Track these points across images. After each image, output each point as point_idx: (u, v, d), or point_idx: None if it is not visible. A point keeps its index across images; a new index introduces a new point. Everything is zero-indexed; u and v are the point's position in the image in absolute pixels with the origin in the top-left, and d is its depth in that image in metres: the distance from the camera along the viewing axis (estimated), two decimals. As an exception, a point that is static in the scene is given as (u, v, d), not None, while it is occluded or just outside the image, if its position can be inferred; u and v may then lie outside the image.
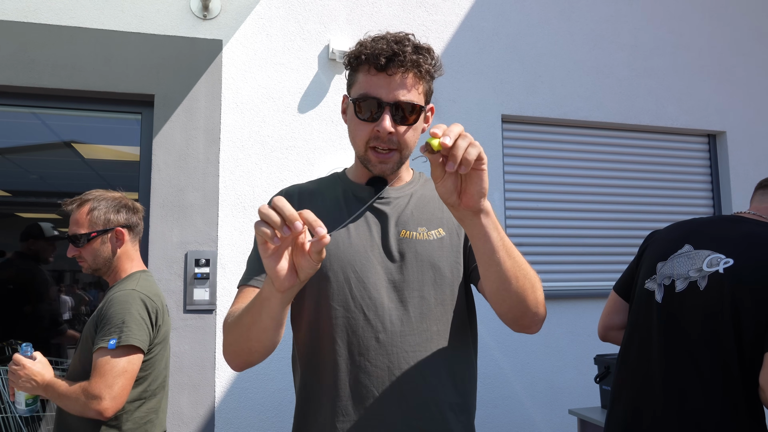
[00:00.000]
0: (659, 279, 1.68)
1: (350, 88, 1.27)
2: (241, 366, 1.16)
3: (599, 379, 2.70)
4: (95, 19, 3.11)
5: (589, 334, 3.62)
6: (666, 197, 3.98)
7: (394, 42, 1.20)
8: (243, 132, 3.24)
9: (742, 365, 1.45)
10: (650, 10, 4.06)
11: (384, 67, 1.18)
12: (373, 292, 1.20)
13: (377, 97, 1.19)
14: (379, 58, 1.18)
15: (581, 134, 3.88)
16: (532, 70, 3.75)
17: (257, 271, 1.24)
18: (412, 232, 1.25)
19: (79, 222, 1.83)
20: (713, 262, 1.56)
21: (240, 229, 3.17)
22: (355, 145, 1.26)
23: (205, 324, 3.05)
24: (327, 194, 1.33)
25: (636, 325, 1.73)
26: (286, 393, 3.12)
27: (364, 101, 1.20)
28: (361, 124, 1.22)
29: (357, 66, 1.23)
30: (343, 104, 1.32)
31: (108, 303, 1.72)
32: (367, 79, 1.21)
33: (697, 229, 1.70)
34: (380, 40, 1.21)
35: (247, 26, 3.31)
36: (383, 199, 1.29)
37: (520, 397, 3.48)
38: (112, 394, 1.59)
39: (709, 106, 4.09)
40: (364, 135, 1.23)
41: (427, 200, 1.32)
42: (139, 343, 1.66)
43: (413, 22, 3.58)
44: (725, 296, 1.49)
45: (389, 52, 1.18)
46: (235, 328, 1.11)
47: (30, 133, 3.32)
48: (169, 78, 3.17)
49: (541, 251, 3.69)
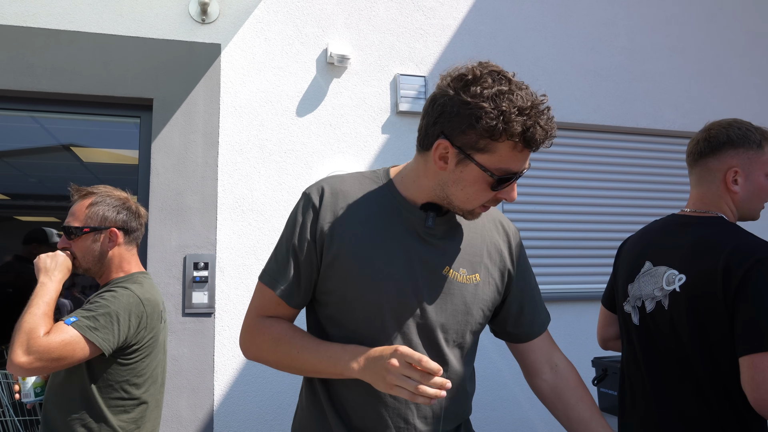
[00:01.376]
0: (632, 302, 1.68)
1: (475, 150, 1.11)
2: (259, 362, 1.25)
3: (597, 382, 2.71)
4: (94, 23, 3.12)
5: (587, 336, 3.63)
6: (663, 200, 3.99)
7: (548, 126, 1.11)
8: (241, 136, 3.25)
9: (715, 377, 1.45)
10: (647, 14, 4.08)
11: (537, 148, 1.12)
12: (403, 328, 1.21)
13: (518, 171, 1.14)
14: (538, 143, 1.10)
15: (578, 137, 3.89)
16: (529, 74, 3.76)
17: (287, 283, 1.24)
18: (455, 273, 1.24)
19: (76, 214, 1.78)
20: (670, 280, 1.54)
21: (238, 232, 3.17)
22: (468, 203, 1.18)
23: (203, 327, 3.05)
24: (372, 204, 1.25)
25: (624, 346, 1.74)
26: (285, 396, 3.12)
27: (506, 175, 1.13)
28: (488, 192, 1.16)
29: (502, 138, 1.08)
30: (443, 150, 1.15)
31: (102, 292, 1.71)
32: (513, 155, 1.11)
33: (653, 241, 1.66)
34: (532, 117, 1.08)
35: (246, 30, 3.32)
36: (433, 230, 1.24)
37: (518, 399, 3.49)
38: (40, 356, 1.51)
39: (705, 109, 4.10)
40: (484, 198, 1.17)
41: (470, 239, 1.30)
42: (93, 338, 1.59)
43: (411, 25, 3.59)
44: (685, 313, 1.49)
45: (544, 137, 1.10)
46: (282, 357, 1.23)
47: (28, 137, 3.33)
48: (167, 82, 3.18)
49: (538, 253, 3.70)
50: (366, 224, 1.22)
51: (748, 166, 1.58)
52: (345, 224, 1.21)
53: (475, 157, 1.12)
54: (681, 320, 1.50)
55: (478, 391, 3.37)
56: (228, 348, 3.07)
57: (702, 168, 1.62)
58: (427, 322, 1.22)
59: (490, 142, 1.09)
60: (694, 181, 1.66)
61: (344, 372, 1.14)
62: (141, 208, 1.91)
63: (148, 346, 1.76)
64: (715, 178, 1.59)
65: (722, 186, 1.59)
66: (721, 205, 1.60)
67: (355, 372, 1.12)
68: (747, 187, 1.58)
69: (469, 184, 1.15)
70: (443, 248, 1.24)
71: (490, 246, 1.32)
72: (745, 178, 1.57)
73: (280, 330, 1.23)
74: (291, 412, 3.11)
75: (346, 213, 1.22)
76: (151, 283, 1.85)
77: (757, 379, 1.31)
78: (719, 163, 1.59)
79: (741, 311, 1.38)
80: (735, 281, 1.39)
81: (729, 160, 1.58)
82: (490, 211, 1.36)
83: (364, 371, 1.11)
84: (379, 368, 1.08)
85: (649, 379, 1.61)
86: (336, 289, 1.21)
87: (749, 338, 1.34)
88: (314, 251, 1.22)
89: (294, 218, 1.25)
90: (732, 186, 1.57)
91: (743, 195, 1.58)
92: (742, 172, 1.57)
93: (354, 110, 3.42)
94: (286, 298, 1.23)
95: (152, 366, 1.79)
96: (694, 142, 1.65)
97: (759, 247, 1.41)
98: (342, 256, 1.20)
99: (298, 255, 1.22)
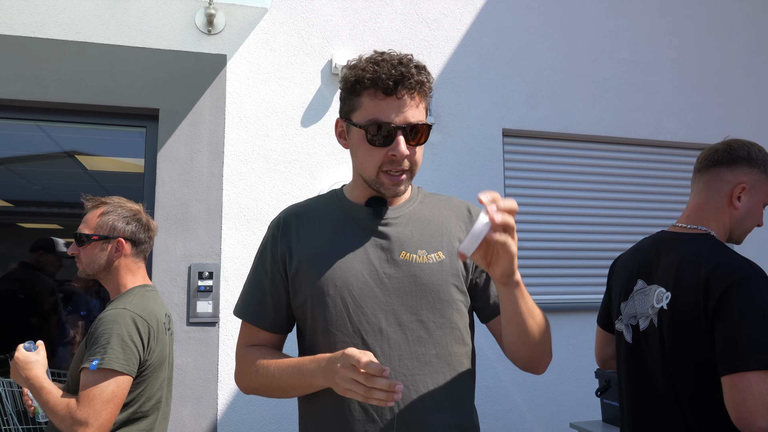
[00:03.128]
0: (625, 320, 1.68)
1: (351, 113, 1.23)
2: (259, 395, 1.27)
3: (600, 393, 2.71)
4: (101, 34, 3.15)
5: (590, 347, 3.63)
6: (665, 210, 4.01)
7: (399, 64, 1.18)
8: (246, 146, 3.27)
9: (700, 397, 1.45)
10: (649, 26, 4.11)
11: (393, 90, 1.17)
12: (371, 317, 1.21)
13: (389, 121, 1.18)
14: (386, 82, 1.16)
15: (581, 148, 3.91)
16: (532, 85, 3.79)
17: (257, 309, 1.30)
18: (412, 255, 1.25)
19: (87, 222, 1.82)
20: (659, 298, 1.55)
21: (243, 242, 3.19)
22: (366, 170, 1.24)
23: (208, 337, 3.06)
24: (324, 216, 1.32)
25: (617, 364, 1.75)
26: (289, 406, 3.13)
27: (374, 126, 1.19)
28: (372, 149, 1.21)
29: (360, 90, 1.20)
30: (339, 128, 1.29)
31: (98, 321, 1.68)
32: (375, 103, 1.19)
33: (644, 259, 1.67)
34: (382, 63, 1.18)
35: (251, 41, 3.35)
36: (381, 220, 1.28)
37: (521, 410, 3.49)
38: (99, 422, 1.54)
39: (708, 120, 4.12)
40: (376, 160, 1.21)
41: (427, 221, 1.31)
42: (122, 368, 1.60)
43: (415, 37, 3.62)
44: (670, 330, 1.49)
45: (397, 76, 1.17)
46: (265, 383, 1.24)
47: (33, 145, 3.35)
48: (173, 92, 3.20)
49: (542, 264, 3.71)
50: (320, 234, 1.28)
51: (755, 187, 1.59)
52: (302, 239, 1.29)
53: (351, 118, 1.23)
54: (668, 337, 1.50)
55: (481, 402, 3.37)
56: (232, 357, 3.08)
57: (712, 176, 1.62)
58: (395, 308, 1.22)
59: (354, 98, 1.22)
60: (697, 189, 1.65)
61: (312, 382, 1.16)
62: (152, 222, 1.92)
63: (157, 359, 1.76)
64: (722, 190, 1.60)
65: (726, 199, 1.59)
66: (716, 218, 1.60)
67: (320, 379, 1.14)
68: (747, 207, 1.59)
69: (357, 147, 1.24)
70: (396, 235, 1.27)
71: (449, 227, 1.32)
72: (749, 198, 1.59)
73: (258, 355, 1.27)
74: (294, 421, 3.11)
75: (302, 230, 1.30)
76: (153, 295, 1.85)
77: (737, 398, 1.32)
78: (732, 175, 1.60)
79: (720, 330, 1.38)
80: (714, 299, 1.40)
81: (742, 176, 1.59)
82: (451, 202, 1.37)
83: (326, 377, 1.12)
84: (332, 373, 1.09)
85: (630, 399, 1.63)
86: (305, 300, 1.25)
87: (728, 358, 1.35)
88: (278, 271, 1.28)
89: (259, 250, 1.35)
90: (735, 201, 1.58)
91: (741, 213, 1.59)
92: (749, 191, 1.59)
93: (358, 121, 3.44)
94: (256, 323, 1.29)
95: (161, 378, 1.79)
96: (713, 150, 1.66)
97: (739, 266, 1.42)
98: (303, 267, 1.25)
99: (263, 279, 1.29)
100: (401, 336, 1.21)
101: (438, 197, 1.39)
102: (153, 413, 1.76)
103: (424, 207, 1.34)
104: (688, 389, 1.46)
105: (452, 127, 3.59)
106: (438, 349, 1.23)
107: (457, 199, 1.39)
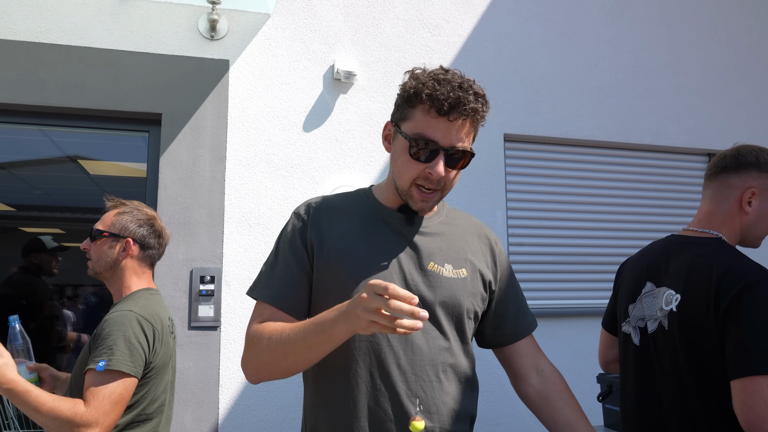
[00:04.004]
0: (633, 322, 1.68)
1: (402, 121, 1.25)
2: (267, 380, 1.22)
3: (602, 398, 2.71)
4: (105, 39, 3.17)
5: (591, 352, 3.63)
6: (667, 215, 4.01)
7: (459, 88, 1.19)
8: (249, 150, 3.28)
9: (705, 398, 1.45)
10: (650, 31, 4.12)
11: (446, 112, 1.18)
12: None
13: (435, 140, 1.19)
14: (443, 103, 1.17)
15: (583, 153, 3.91)
16: (533, 90, 3.80)
17: (281, 291, 1.25)
18: (440, 267, 1.27)
19: (103, 219, 1.86)
20: (668, 300, 1.55)
21: (245, 246, 3.19)
22: (401, 179, 1.25)
23: (209, 341, 3.06)
24: (355, 213, 1.32)
25: (622, 366, 1.75)
26: (290, 410, 3.12)
27: (420, 142, 1.20)
28: (412, 162, 1.22)
29: (415, 103, 1.21)
30: (387, 130, 1.31)
31: (104, 323, 1.68)
32: (427, 120, 1.20)
33: (653, 262, 1.67)
34: (443, 83, 1.19)
35: (254, 47, 3.37)
36: (413, 228, 1.31)
37: (523, 415, 3.48)
38: (107, 423, 1.53)
39: (709, 126, 4.13)
40: (413, 173, 1.23)
41: (453, 237, 1.34)
42: (128, 369, 1.59)
43: (416, 42, 3.64)
44: (680, 333, 1.50)
45: (454, 100, 1.17)
46: (279, 349, 1.16)
47: (36, 149, 3.36)
48: (176, 97, 3.21)
49: (543, 269, 3.71)
50: (351, 231, 1.28)
51: (766, 191, 1.59)
52: (332, 233, 1.28)
53: (400, 126, 1.25)
54: (678, 340, 1.51)
55: (483, 407, 3.37)
56: (233, 362, 3.08)
57: (721, 183, 1.63)
58: (423, 305, 1.23)
59: (407, 108, 1.23)
60: (708, 195, 1.66)
61: (333, 331, 1.08)
62: (165, 231, 1.94)
63: (161, 362, 1.76)
64: (731, 195, 1.60)
65: (736, 204, 1.60)
66: (727, 224, 1.61)
67: (341, 324, 1.06)
68: (759, 212, 1.59)
69: (398, 155, 1.26)
70: (426, 246, 1.29)
71: (472, 247, 1.36)
72: (760, 202, 1.59)
73: (275, 326, 1.20)
74: (296, 426, 3.11)
75: (332, 223, 1.30)
76: (157, 299, 1.86)
77: (747, 402, 1.32)
78: (741, 181, 1.60)
79: (730, 334, 1.38)
80: (725, 303, 1.40)
81: (750, 181, 1.59)
82: (471, 221, 1.42)
83: (348, 318, 1.05)
84: (354, 308, 1.03)
85: (636, 400, 1.62)
86: (328, 294, 1.24)
87: (739, 362, 1.35)
88: (306, 257, 1.27)
89: (284, 233, 1.33)
90: (746, 206, 1.59)
91: (753, 218, 1.59)
92: (759, 195, 1.59)
93: (360, 126, 3.46)
94: (278, 304, 1.24)
95: (165, 381, 1.79)
96: (721, 156, 1.67)
97: (750, 270, 1.42)
98: (331, 262, 1.25)
99: (291, 262, 1.27)
100: (424, 343, 1.23)
101: (460, 214, 1.43)
102: (157, 416, 1.76)
103: (450, 222, 1.38)
104: (696, 391, 1.46)
105: (454, 132, 3.60)
106: (453, 360, 1.27)
107: (475, 219, 1.45)
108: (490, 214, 3.59)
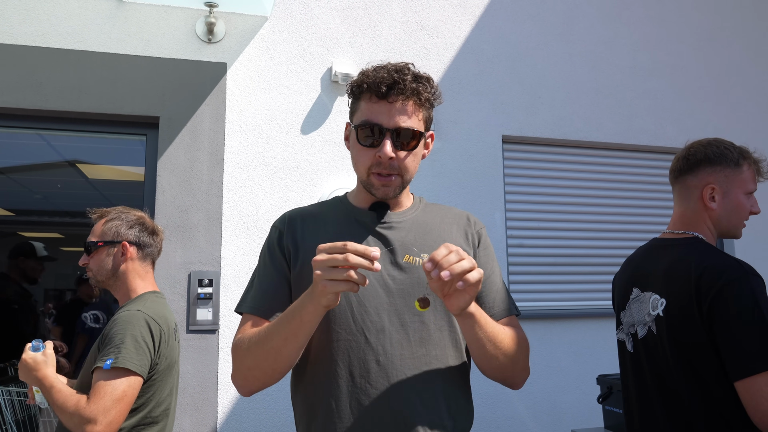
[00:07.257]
0: (626, 329, 1.69)
1: (352, 116, 1.32)
2: (257, 388, 1.22)
3: (602, 400, 2.70)
4: (102, 43, 3.17)
5: (591, 353, 3.62)
6: (666, 216, 4.00)
7: (394, 71, 1.24)
8: (246, 153, 3.28)
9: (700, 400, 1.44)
10: (647, 32, 4.12)
11: (385, 94, 1.23)
12: (374, 316, 1.23)
13: (378, 123, 1.24)
14: (380, 86, 1.23)
15: (581, 154, 3.91)
16: (531, 92, 3.80)
17: (262, 300, 1.28)
18: (415, 258, 1.27)
19: (94, 231, 1.86)
20: (654, 305, 1.56)
21: (243, 249, 3.19)
22: (358, 170, 1.30)
23: (207, 344, 3.05)
24: (329, 218, 1.35)
25: (622, 375, 1.75)
26: (289, 413, 3.11)
27: (365, 127, 1.25)
28: (363, 150, 1.27)
29: (359, 94, 1.28)
30: (346, 131, 1.38)
31: (112, 322, 1.71)
32: (369, 106, 1.25)
33: (640, 266, 1.68)
34: (381, 69, 1.26)
35: (251, 49, 3.37)
36: (385, 223, 1.32)
37: (522, 417, 3.47)
38: (107, 420, 1.54)
39: (707, 126, 4.13)
40: (366, 161, 1.27)
41: (429, 228, 1.35)
42: (135, 367, 1.61)
43: (414, 44, 3.64)
44: (669, 336, 1.50)
45: (390, 81, 1.23)
46: (258, 350, 1.18)
47: (34, 154, 3.36)
48: (174, 100, 3.21)
49: (542, 270, 3.71)
50: (325, 234, 1.30)
51: (725, 184, 1.60)
52: (307, 238, 1.31)
53: (352, 121, 1.32)
54: (667, 344, 1.50)
55: (482, 409, 3.36)
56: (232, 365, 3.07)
57: (682, 185, 1.66)
58: (399, 308, 1.24)
59: (355, 103, 1.30)
60: (675, 199, 1.70)
61: (302, 313, 1.10)
62: (158, 227, 1.96)
63: (166, 364, 1.77)
64: (693, 195, 1.63)
65: (699, 203, 1.61)
66: (699, 223, 1.62)
67: (308, 302, 1.09)
68: (725, 205, 1.60)
69: (352, 148, 1.31)
70: (400, 240, 1.30)
71: (451, 235, 1.35)
72: (723, 196, 1.60)
73: (253, 330, 1.23)
74: (293, 430, 3.10)
75: (308, 229, 1.33)
76: (163, 302, 1.87)
77: (752, 402, 1.33)
78: (697, 180, 1.62)
79: (721, 337, 1.39)
80: (706, 303, 1.41)
81: (706, 177, 1.61)
82: (451, 212, 1.42)
83: (312, 291, 1.07)
84: (315, 283, 1.05)
85: (640, 409, 1.62)
86: None
87: (735, 364, 1.36)
88: (285, 263, 1.30)
89: (263, 246, 1.37)
90: (709, 203, 1.60)
91: (721, 212, 1.60)
92: (720, 189, 1.59)
93: (358, 128, 3.45)
94: (264, 314, 1.26)
95: (170, 384, 1.80)
96: (675, 159, 1.69)
97: (728, 268, 1.42)
98: (306, 266, 1.26)
99: (270, 269, 1.30)
100: (404, 336, 1.23)
101: (439, 207, 1.44)
102: (163, 419, 1.76)
103: (426, 215, 1.38)
104: (690, 393, 1.46)
105: (452, 134, 3.60)
106: (437, 351, 1.26)
107: (457, 209, 1.45)
108: (489, 215, 3.59)
